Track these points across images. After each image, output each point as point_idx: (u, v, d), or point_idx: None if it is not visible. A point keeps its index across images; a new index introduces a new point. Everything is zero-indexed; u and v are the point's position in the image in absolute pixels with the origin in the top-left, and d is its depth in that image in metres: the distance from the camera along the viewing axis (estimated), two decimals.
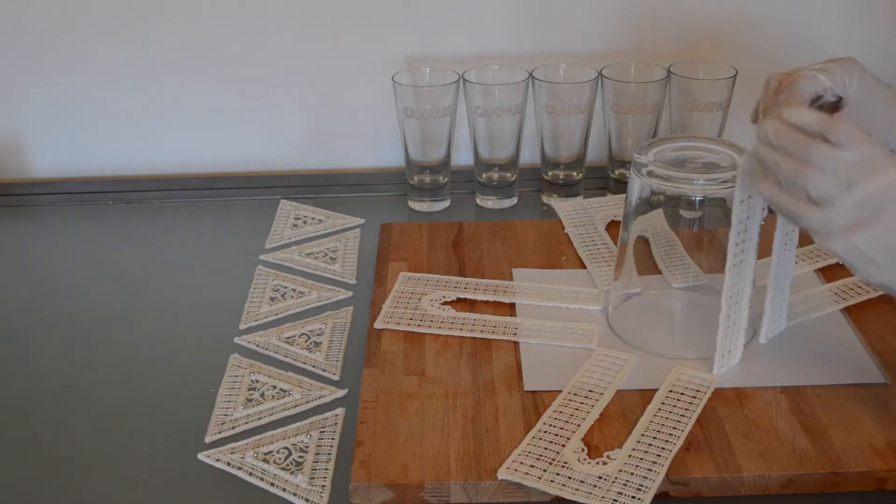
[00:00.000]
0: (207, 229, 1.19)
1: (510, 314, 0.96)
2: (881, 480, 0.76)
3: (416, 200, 1.21)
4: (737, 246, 0.82)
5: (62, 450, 0.84)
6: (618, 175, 1.20)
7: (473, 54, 1.24)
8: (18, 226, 1.21)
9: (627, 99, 1.15)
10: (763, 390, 0.85)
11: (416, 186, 1.20)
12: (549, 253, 1.07)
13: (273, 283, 1.05)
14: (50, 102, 1.28)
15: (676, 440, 0.78)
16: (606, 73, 1.15)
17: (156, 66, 1.26)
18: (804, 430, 0.80)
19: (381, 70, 1.22)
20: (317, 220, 1.19)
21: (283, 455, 0.81)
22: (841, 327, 0.92)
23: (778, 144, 0.72)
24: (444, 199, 1.21)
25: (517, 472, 0.76)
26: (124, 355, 0.95)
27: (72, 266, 1.12)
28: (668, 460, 0.76)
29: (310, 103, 1.30)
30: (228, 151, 1.31)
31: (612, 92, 1.15)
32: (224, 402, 0.88)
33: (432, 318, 0.94)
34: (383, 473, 0.76)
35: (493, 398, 0.84)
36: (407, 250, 1.07)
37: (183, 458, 0.82)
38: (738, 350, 0.88)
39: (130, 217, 1.22)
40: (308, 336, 0.96)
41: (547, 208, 1.20)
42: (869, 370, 0.87)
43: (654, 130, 1.17)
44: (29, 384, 0.92)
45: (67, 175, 1.31)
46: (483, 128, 1.16)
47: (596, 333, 0.92)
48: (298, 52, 1.26)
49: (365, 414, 0.83)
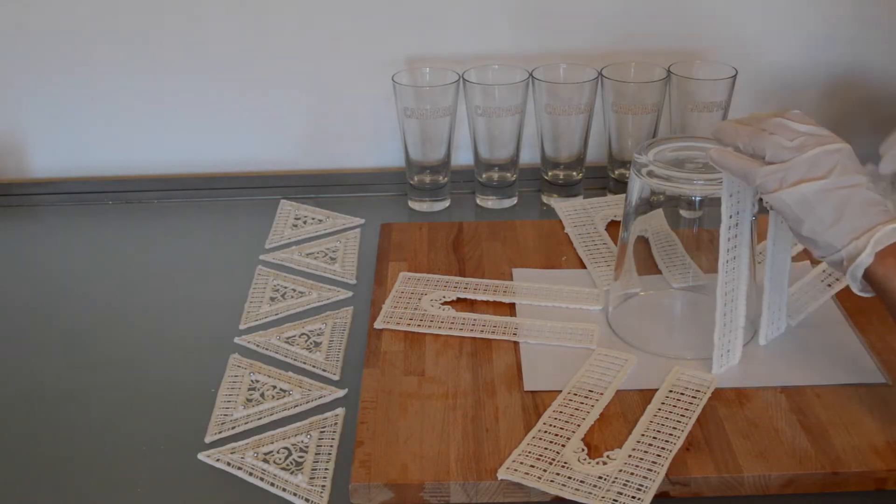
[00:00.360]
0: (207, 229, 1.19)
1: (510, 314, 0.96)
2: (881, 480, 0.77)
3: (417, 200, 1.21)
4: (729, 241, 0.82)
5: (62, 450, 0.84)
6: (618, 175, 1.20)
7: (473, 54, 1.24)
8: (18, 226, 1.21)
9: (627, 99, 1.15)
10: (763, 390, 0.85)
11: (417, 186, 1.20)
12: (549, 253, 1.07)
13: (273, 283, 1.05)
14: (50, 102, 1.28)
15: (676, 440, 0.78)
16: (606, 73, 1.15)
17: (156, 66, 1.26)
18: (804, 430, 0.80)
19: (381, 70, 1.22)
20: (317, 220, 1.19)
21: (283, 455, 0.81)
22: (841, 327, 0.92)
23: (737, 121, 0.81)
24: (444, 199, 1.21)
25: (517, 472, 0.76)
26: (124, 355, 0.95)
27: (72, 266, 1.12)
28: (668, 460, 0.76)
29: (309, 103, 1.30)
30: (228, 151, 1.31)
31: (612, 92, 1.15)
32: (224, 402, 0.88)
33: (432, 318, 0.94)
34: (383, 473, 0.76)
35: (493, 398, 0.84)
36: (407, 250, 1.07)
37: (183, 458, 0.82)
38: (738, 349, 0.88)
39: (130, 217, 1.22)
40: (308, 336, 0.96)
41: (547, 208, 1.20)
42: (869, 370, 0.87)
43: (653, 130, 1.17)
44: (29, 384, 0.92)
45: (67, 175, 1.31)
46: (483, 128, 1.16)
47: (596, 333, 0.92)
48: (298, 52, 1.26)
49: (365, 414, 0.83)
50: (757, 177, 0.77)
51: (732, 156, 0.79)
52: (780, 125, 0.77)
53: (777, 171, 0.76)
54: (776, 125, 0.78)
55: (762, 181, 0.77)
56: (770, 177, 0.76)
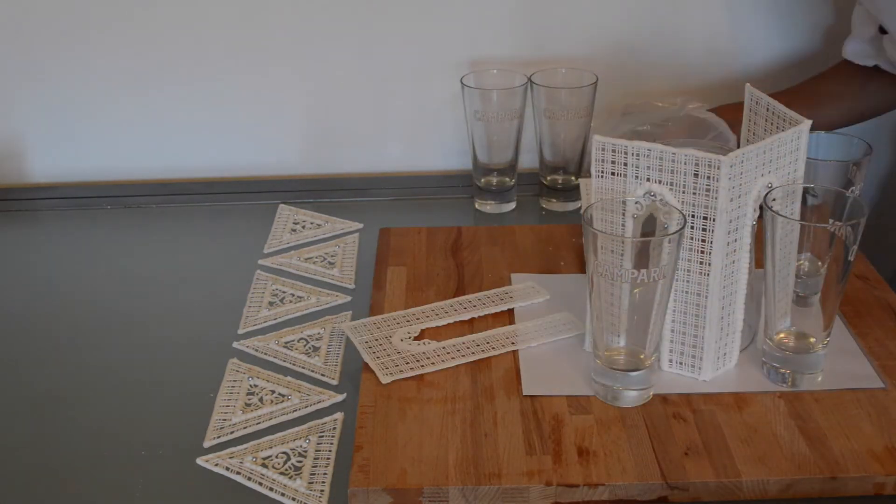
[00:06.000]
0: (206, 234, 1.19)
1: (509, 321, 0.95)
2: (880, 485, 0.77)
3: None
4: (728, 245, 0.82)
5: (61, 454, 0.84)
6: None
7: (472, 59, 1.25)
8: (17, 230, 1.21)
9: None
10: (762, 395, 0.85)
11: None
12: (549, 257, 1.07)
13: (272, 287, 1.05)
14: (49, 107, 1.28)
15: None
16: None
17: (155, 71, 1.26)
18: (803, 434, 0.80)
19: (382, 74, 1.22)
20: (315, 224, 1.19)
21: (281, 460, 0.81)
22: (839, 332, 0.92)
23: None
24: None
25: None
26: (122, 360, 0.95)
27: (70, 271, 1.12)
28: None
29: (308, 108, 1.30)
30: (227, 156, 1.31)
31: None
32: (223, 407, 0.88)
33: (430, 353, 0.91)
34: (382, 478, 0.76)
35: (491, 403, 0.84)
36: (406, 255, 1.07)
37: (181, 462, 0.82)
38: (735, 353, 0.88)
39: (129, 222, 1.22)
40: (307, 341, 0.96)
41: (546, 212, 1.20)
42: (868, 375, 0.87)
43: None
44: (26, 389, 0.92)
45: (66, 180, 1.31)
46: (481, 133, 1.16)
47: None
48: (297, 57, 1.26)
49: (364, 418, 0.83)
50: None
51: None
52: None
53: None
54: None
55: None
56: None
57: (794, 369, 0.85)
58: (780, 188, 0.83)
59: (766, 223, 0.81)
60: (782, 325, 0.85)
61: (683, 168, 0.80)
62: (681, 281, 0.83)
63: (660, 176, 0.81)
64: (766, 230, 0.82)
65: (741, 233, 0.83)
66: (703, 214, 0.80)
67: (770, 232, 0.81)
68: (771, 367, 0.86)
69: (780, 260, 0.82)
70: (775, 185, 0.83)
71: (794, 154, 0.85)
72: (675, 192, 0.81)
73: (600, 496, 0.76)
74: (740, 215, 0.82)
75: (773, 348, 0.85)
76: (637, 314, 0.80)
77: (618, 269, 0.78)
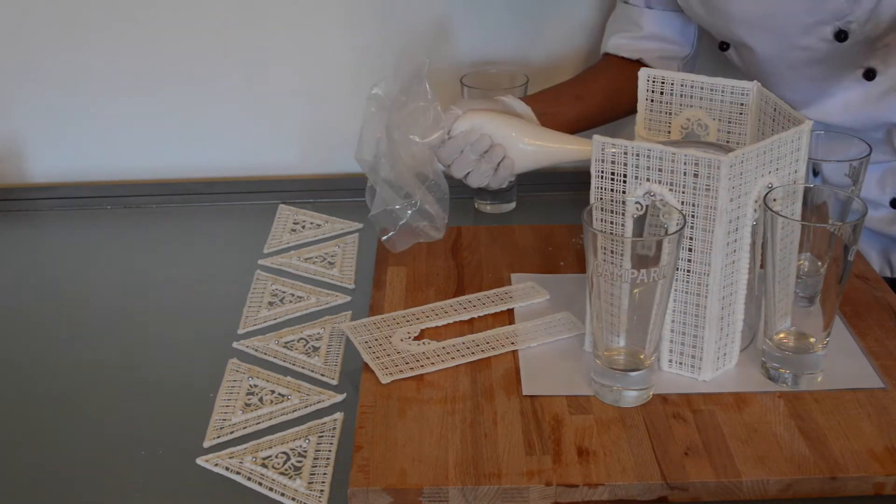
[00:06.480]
0: (206, 234, 1.19)
1: (509, 321, 0.95)
2: (880, 485, 0.77)
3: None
4: (727, 245, 0.82)
5: (61, 454, 0.84)
6: None
7: (472, 59, 1.25)
8: (17, 230, 1.21)
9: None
10: (761, 395, 0.85)
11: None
12: (548, 257, 1.07)
13: (271, 287, 1.05)
14: (49, 107, 1.28)
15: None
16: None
17: (155, 71, 1.26)
18: (803, 434, 0.80)
19: (381, 74, 1.22)
20: (315, 224, 1.19)
21: (281, 460, 0.81)
22: (839, 332, 0.92)
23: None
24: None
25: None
26: (122, 360, 0.95)
27: (70, 271, 1.12)
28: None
29: (308, 108, 1.30)
30: (227, 156, 1.31)
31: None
32: (222, 407, 0.88)
33: (430, 353, 0.91)
34: (382, 478, 0.76)
35: (491, 403, 0.84)
36: (405, 255, 1.06)
37: (181, 462, 0.82)
38: (735, 353, 0.88)
39: (129, 222, 1.22)
40: (306, 341, 0.96)
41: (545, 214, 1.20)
42: (867, 375, 0.87)
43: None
44: (26, 388, 0.92)
45: (66, 180, 1.31)
46: None
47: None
48: (297, 57, 1.26)
49: (363, 418, 0.82)
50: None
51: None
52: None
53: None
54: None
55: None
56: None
57: (794, 369, 0.85)
58: (780, 188, 0.83)
59: (766, 223, 0.81)
60: (782, 326, 0.85)
61: (683, 168, 0.80)
62: (681, 281, 0.83)
63: (660, 176, 0.81)
64: (766, 230, 0.82)
65: (741, 233, 0.83)
66: (703, 215, 0.80)
67: (770, 232, 0.81)
68: (771, 367, 0.86)
69: (780, 260, 0.82)
70: (775, 186, 0.83)
71: (794, 154, 0.85)
72: (675, 192, 0.81)
73: (600, 496, 0.76)
74: (740, 215, 0.82)
75: (772, 348, 0.85)
76: (637, 314, 0.80)
77: (618, 269, 0.78)
